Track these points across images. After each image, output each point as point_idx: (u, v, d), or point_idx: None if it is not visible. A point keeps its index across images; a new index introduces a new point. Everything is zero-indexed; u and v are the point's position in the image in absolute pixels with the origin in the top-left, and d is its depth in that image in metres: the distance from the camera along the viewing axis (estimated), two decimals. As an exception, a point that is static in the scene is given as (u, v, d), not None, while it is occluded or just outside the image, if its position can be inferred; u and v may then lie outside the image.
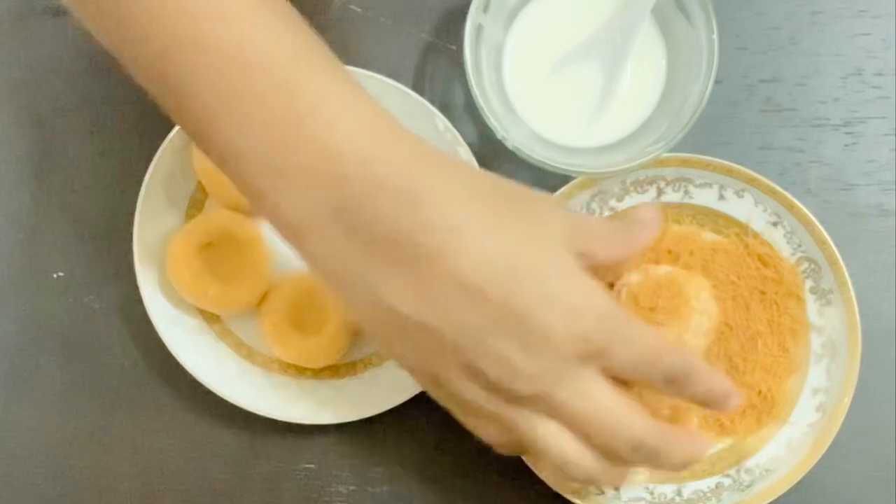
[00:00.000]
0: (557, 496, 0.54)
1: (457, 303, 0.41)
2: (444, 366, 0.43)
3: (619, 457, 0.44)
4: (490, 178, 0.45)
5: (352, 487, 0.57)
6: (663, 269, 0.54)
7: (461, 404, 0.45)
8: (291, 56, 0.41)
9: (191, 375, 0.55)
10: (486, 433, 0.46)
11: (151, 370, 0.57)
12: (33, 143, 0.59)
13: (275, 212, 0.42)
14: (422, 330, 0.42)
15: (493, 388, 0.43)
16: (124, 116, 0.58)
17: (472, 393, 0.43)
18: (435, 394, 0.46)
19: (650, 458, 0.45)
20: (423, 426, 0.57)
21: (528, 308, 0.41)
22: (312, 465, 0.57)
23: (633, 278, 0.53)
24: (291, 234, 0.43)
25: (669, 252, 0.56)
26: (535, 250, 0.43)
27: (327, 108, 0.41)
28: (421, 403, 0.54)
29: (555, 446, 0.44)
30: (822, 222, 0.55)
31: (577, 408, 0.43)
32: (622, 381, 0.45)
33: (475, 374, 0.42)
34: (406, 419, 0.56)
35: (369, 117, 0.42)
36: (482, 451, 0.56)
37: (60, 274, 0.58)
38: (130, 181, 0.56)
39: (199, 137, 0.43)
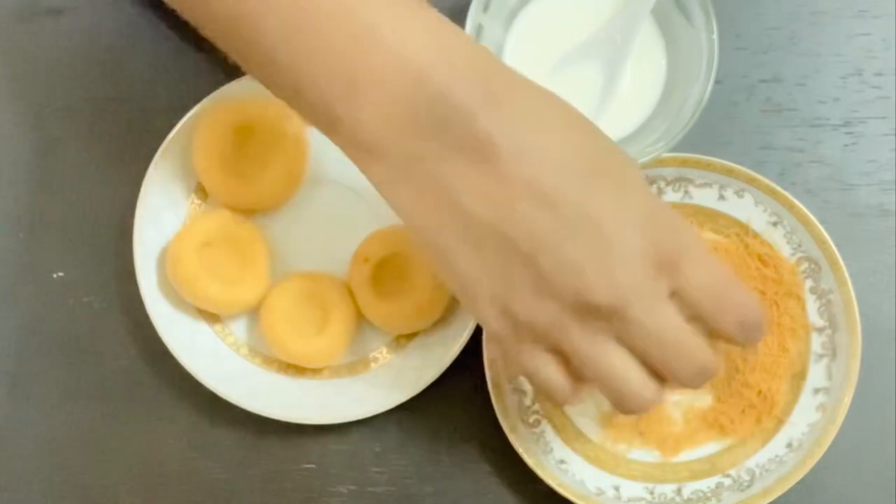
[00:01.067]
0: (557, 496, 0.54)
1: (532, 206, 0.40)
2: (513, 278, 0.41)
3: (678, 380, 0.43)
4: (568, 104, 0.44)
5: (352, 487, 0.57)
6: None
7: (524, 331, 0.43)
8: None
9: (191, 375, 0.54)
10: (546, 370, 0.44)
11: (151, 370, 0.57)
12: (34, 143, 0.59)
13: (352, 134, 0.42)
14: (495, 236, 0.41)
15: (567, 302, 0.41)
16: (125, 116, 0.58)
17: (543, 309, 0.41)
18: (496, 323, 0.43)
19: (704, 383, 0.44)
20: (422, 425, 0.57)
21: (605, 214, 0.41)
22: (312, 465, 0.57)
23: None
24: (366, 150, 0.42)
25: None
26: (613, 167, 0.42)
27: (395, 20, 0.41)
28: (421, 403, 0.55)
29: (622, 373, 0.43)
30: (822, 222, 0.55)
31: (650, 326, 0.42)
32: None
33: (548, 287, 0.41)
34: (406, 419, 0.57)
35: (438, 26, 0.42)
36: (482, 449, 0.57)
37: (60, 274, 0.58)
38: (131, 181, 0.56)
39: (270, 72, 0.44)
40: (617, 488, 0.55)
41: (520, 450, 0.54)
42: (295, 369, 0.56)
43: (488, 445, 0.57)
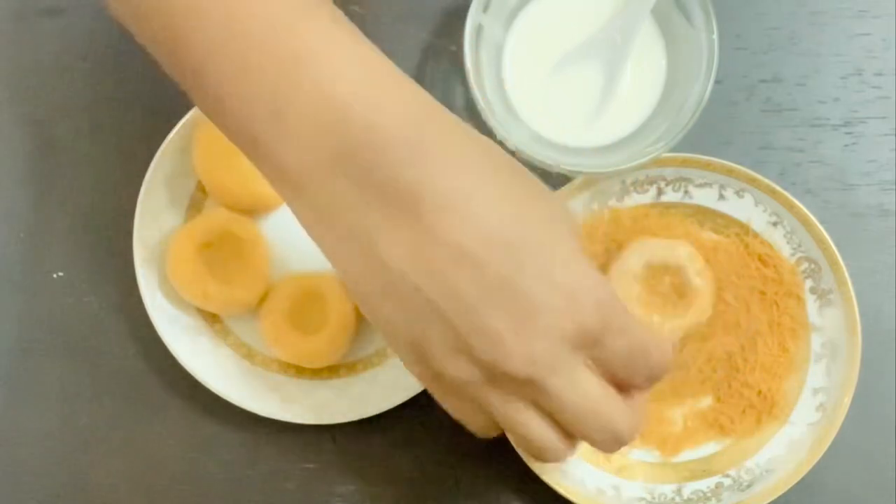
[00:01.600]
0: (558, 496, 0.54)
1: (453, 267, 0.39)
2: (431, 336, 0.41)
3: (593, 444, 0.44)
4: (500, 150, 0.43)
5: (351, 487, 0.57)
6: (654, 244, 0.55)
7: (442, 381, 0.42)
8: (293, 1, 0.41)
9: (191, 375, 0.55)
10: (465, 414, 0.44)
11: (151, 370, 0.58)
12: (34, 143, 0.59)
13: (271, 160, 0.41)
14: (413, 292, 0.40)
15: (483, 366, 0.41)
16: (125, 116, 0.59)
17: (458, 370, 0.41)
18: (415, 369, 0.43)
19: (618, 448, 0.44)
20: (422, 426, 0.58)
21: (528, 286, 0.40)
22: (312, 465, 0.58)
23: (631, 261, 0.54)
24: (289, 184, 0.41)
25: None
26: (541, 229, 0.41)
27: (328, 52, 0.40)
28: (420, 403, 0.55)
29: (536, 434, 0.43)
30: (822, 222, 0.55)
31: (565, 399, 0.42)
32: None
33: (465, 349, 0.40)
34: (405, 419, 0.57)
35: (373, 63, 0.41)
36: (482, 449, 0.57)
37: (60, 274, 0.59)
38: (131, 181, 0.56)
39: (194, 84, 0.42)
40: (617, 488, 0.56)
41: (520, 449, 0.54)
42: (294, 369, 0.57)
43: (489, 445, 0.56)
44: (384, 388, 0.56)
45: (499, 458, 0.57)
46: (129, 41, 0.59)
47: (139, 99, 0.58)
